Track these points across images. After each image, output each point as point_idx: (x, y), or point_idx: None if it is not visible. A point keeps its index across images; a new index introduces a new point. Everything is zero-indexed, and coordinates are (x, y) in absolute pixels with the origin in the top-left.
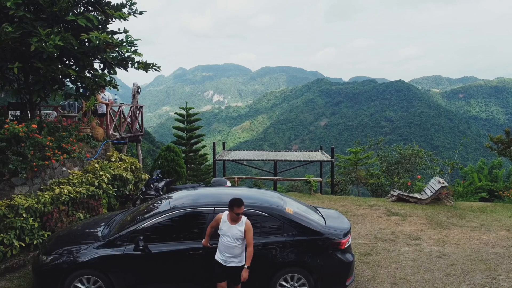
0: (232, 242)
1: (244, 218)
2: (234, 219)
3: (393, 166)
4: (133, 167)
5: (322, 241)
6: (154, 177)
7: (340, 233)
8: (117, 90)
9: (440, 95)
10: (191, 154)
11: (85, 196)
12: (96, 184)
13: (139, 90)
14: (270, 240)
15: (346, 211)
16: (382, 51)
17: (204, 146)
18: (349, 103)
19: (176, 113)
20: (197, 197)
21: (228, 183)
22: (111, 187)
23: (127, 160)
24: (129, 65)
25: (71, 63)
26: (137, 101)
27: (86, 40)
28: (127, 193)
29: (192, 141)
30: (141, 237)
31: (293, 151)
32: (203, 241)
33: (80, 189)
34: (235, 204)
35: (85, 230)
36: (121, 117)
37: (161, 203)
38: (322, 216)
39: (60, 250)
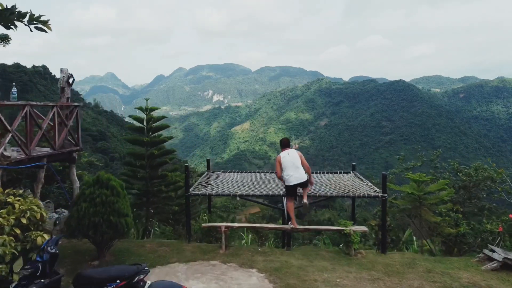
0: None
1: None
2: None
3: (457, 194)
4: (26, 221)
5: None
6: (36, 259)
7: None
8: None
9: (441, 94)
10: (155, 181)
11: None
12: None
13: (70, 80)
14: None
15: None
16: (394, 49)
17: (175, 169)
18: (350, 103)
19: (130, 116)
20: None
21: None
22: None
23: (16, 207)
24: None
25: None
26: (67, 98)
27: None
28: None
29: (157, 161)
30: None
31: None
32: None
33: None
34: None
35: None
36: (29, 123)
37: None
38: None
39: None
